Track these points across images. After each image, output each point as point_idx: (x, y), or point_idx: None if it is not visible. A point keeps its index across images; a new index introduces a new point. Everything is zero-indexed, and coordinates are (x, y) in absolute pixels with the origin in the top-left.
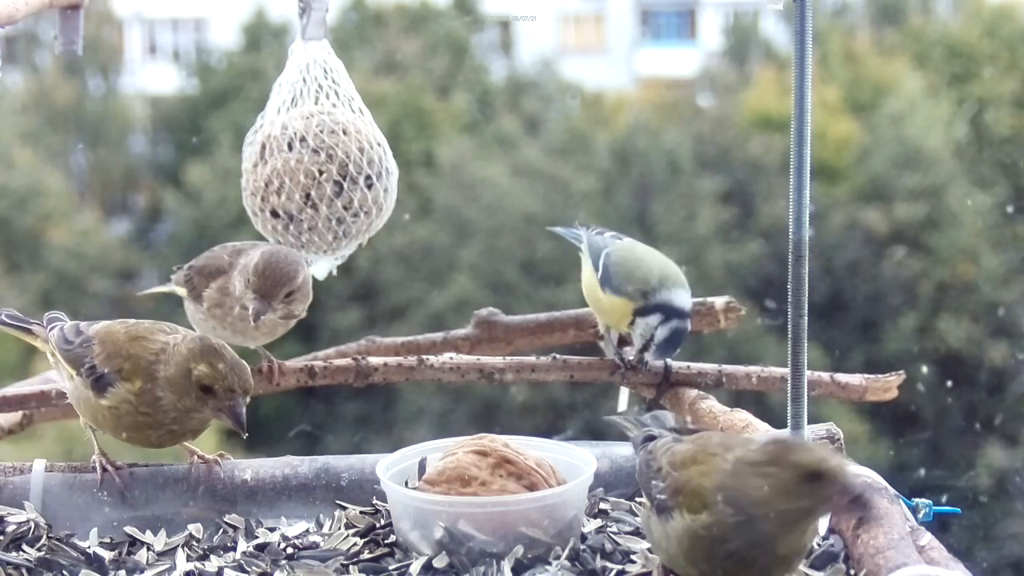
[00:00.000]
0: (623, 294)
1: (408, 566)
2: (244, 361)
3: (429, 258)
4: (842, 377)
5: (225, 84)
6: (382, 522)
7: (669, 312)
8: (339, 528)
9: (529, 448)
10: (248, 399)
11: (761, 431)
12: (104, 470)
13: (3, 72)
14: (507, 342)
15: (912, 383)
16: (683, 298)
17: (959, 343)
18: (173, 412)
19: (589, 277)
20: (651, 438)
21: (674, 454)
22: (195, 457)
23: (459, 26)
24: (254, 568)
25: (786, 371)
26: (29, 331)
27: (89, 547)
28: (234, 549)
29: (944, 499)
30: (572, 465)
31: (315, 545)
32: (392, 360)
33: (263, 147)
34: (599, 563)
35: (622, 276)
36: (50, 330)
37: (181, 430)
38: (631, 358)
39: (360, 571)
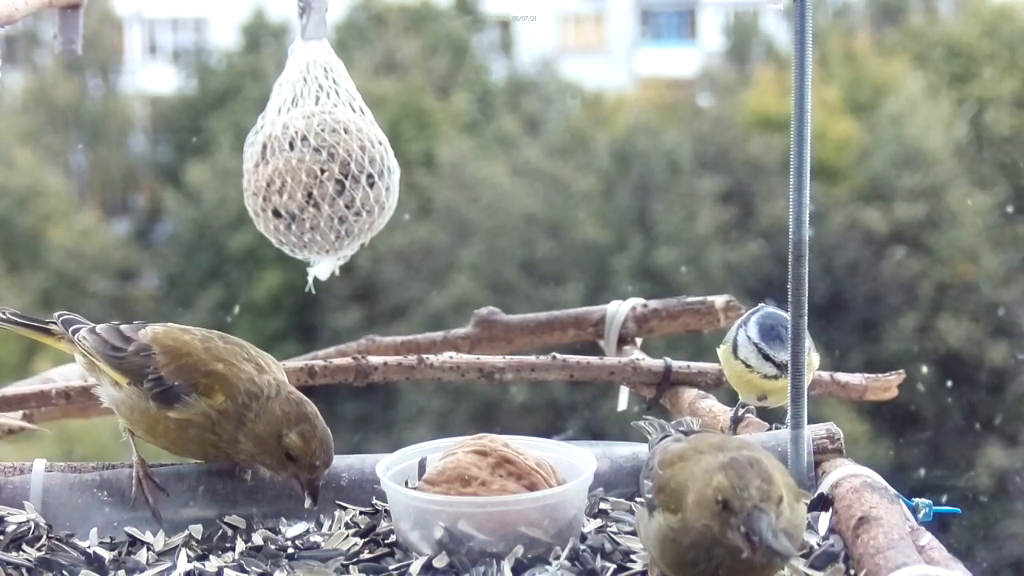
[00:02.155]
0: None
1: (408, 566)
2: (329, 431)
3: (429, 258)
4: (842, 376)
5: (225, 84)
6: (382, 522)
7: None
8: (339, 528)
9: (529, 448)
10: (327, 472)
11: (760, 430)
12: (139, 484)
13: (3, 72)
14: (507, 341)
15: (912, 383)
16: None
17: (959, 343)
18: (244, 456)
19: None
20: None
21: (665, 452)
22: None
23: (459, 26)
24: (254, 568)
25: None
26: (47, 331)
27: (89, 547)
28: (234, 549)
29: (944, 499)
30: (572, 465)
31: (315, 545)
32: (392, 359)
33: (264, 147)
34: (599, 563)
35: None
36: (73, 332)
37: (244, 463)
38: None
39: (360, 571)
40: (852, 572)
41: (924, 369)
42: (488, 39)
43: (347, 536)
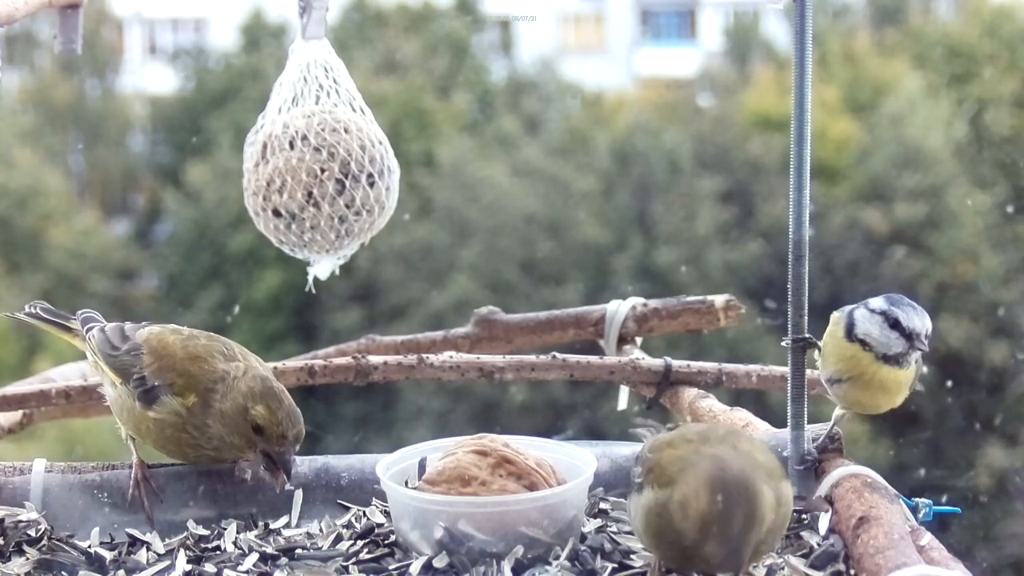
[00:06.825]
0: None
1: (408, 566)
2: (298, 409)
3: (429, 258)
4: None
5: (224, 84)
6: (382, 522)
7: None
8: (339, 528)
9: (529, 448)
10: (297, 448)
11: (761, 430)
12: (137, 486)
13: (2, 72)
14: (507, 341)
15: None
16: None
17: (959, 343)
18: (216, 442)
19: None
20: None
21: (654, 441)
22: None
23: (459, 26)
24: (254, 568)
25: (786, 370)
26: (68, 328)
27: (89, 547)
28: (234, 549)
29: (944, 499)
30: (572, 465)
31: (315, 545)
32: (392, 359)
33: (264, 146)
34: (599, 563)
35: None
36: (87, 330)
37: (219, 457)
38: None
39: (360, 571)
40: (852, 572)
41: (924, 369)
42: (488, 39)
43: (347, 536)
